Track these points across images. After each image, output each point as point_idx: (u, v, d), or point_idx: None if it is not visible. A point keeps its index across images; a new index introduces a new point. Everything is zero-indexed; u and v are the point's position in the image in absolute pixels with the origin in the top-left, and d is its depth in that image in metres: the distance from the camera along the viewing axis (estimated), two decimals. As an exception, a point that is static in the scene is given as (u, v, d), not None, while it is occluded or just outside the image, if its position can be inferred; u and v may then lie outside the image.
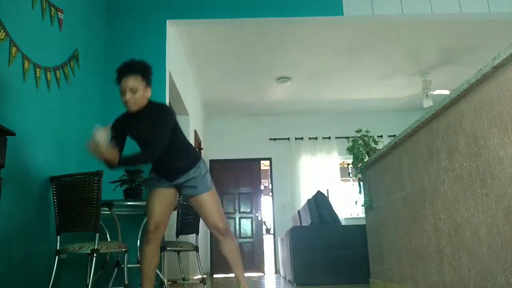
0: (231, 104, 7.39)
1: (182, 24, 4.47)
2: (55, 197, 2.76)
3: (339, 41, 5.33)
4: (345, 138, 7.51)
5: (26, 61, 2.66)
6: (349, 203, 7.41)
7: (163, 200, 2.42)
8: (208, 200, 2.46)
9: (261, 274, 7.34)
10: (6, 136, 1.90)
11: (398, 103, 7.22)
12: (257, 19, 4.32)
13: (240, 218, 7.72)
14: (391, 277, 3.21)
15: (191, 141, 5.74)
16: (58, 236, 2.69)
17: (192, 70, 5.87)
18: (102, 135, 2.13)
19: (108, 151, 2.11)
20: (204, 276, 3.77)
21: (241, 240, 7.59)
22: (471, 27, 5.10)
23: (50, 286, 2.58)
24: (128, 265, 3.05)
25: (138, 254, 3.50)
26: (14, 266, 2.44)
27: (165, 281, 3.47)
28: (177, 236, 3.75)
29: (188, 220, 3.77)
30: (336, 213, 4.83)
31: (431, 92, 6.33)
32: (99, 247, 2.62)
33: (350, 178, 7.18)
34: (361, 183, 3.94)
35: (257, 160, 7.87)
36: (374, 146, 3.76)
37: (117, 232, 3.27)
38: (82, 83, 3.53)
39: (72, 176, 2.74)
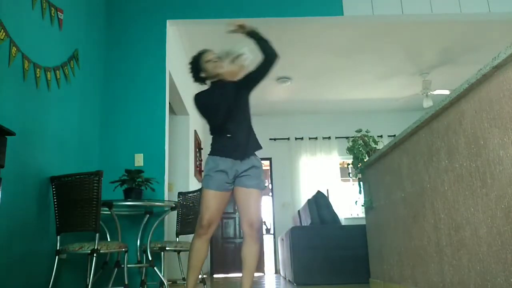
0: (231, 104, 7.38)
1: (182, 24, 4.46)
2: (55, 197, 2.77)
3: (339, 41, 5.33)
4: (345, 138, 7.52)
5: (26, 61, 2.66)
6: (349, 203, 7.41)
7: (220, 201, 2.41)
8: (256, 195, 2.42)
9: (261, 274, 7.34)
10: (6, 136, 1.90)
11: (398, 103, 7.22)
12: (257, 19, 4.31)
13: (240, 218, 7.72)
14: (391, 277, 3.21)
15: (191, 141, 5.74)
16: (58, 236, 2.70)
17: (192, 70, 5.86)
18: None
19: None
20: (204, 276, 3.77)
21: (240, 240, 7.58)
22: (471, 27, 5.10)
23: (50, 286, 2.58)
24: (128, 265, 3.05)
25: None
26: (14, 266, 2.44)
27: (165, 281, 3.47)
28: (177, 236, 3.75)
29: (188, 220, 3.77)
30: (336, 213, 4.83)
31: (431, 92, 6.33)
32: (99, 247, 2.62)
33: (350, 178, 7.18)
34: (361, 183, 3.94)
35: (257, 160, 7.85)
36: (374, 146, 3.76)
37: (117, 232, 3.27)
38: (82, 83, 3.53)
39: (72, 176, 2.74)
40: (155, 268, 3.34)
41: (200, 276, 3.69)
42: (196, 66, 2.55)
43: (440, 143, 2.32)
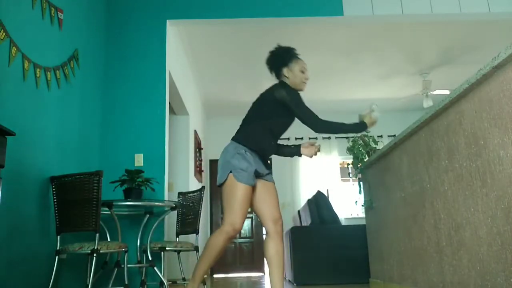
0: (231, 104, 7.38)
1: (182, 24, 4.46)
2: (55, 197, 2.76)
3: (339, 41, 5.33)
4: (345, 138, 7.51)
5: (26, 61, 2.66)
6: (349, 203, 7.41)
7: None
8: (275, 190, 2.68)
9: (261, 274, 7.34)
10: (6, 136, 1.90)
11: (398, 103, 7.22)
12: (257, 19, 4.31)
13: (240, 218, 7.71)
14: (391, 277, 3.21)
15: (191, 141, 5.74)
16: (58, 236, 2.69)
17: (192, 70, 5.86)
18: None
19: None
20: (204, 276, 3.77)
21: (241, 240, 7.58)
22: (471, 27, 5.10)
23: (50, 286, 2.58)
24: (128, 265, 3.05)
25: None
26: (14, 266, 2.44)
27: (165, 281, 3.47)
28: (177, 236, 3.75)
29: (188, 220, 3.77)
30: (336, 213, 4.83)
31: (431, 92, 6.33)
32: (99, 247, 2.62)
33: (350, 178, 7.19)
34: (361, 183, 3.94)
35: (257, 160, 7.84)
36: (374, 146, 3.76)
37: (117, 232, 3.27)
38: (82, 83, 3.53)
39: (72, 176, 2.74)
40: (155, 268, 3.34)
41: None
42: (284, 59, 2.60)
43: (440, 143, 2.32)
